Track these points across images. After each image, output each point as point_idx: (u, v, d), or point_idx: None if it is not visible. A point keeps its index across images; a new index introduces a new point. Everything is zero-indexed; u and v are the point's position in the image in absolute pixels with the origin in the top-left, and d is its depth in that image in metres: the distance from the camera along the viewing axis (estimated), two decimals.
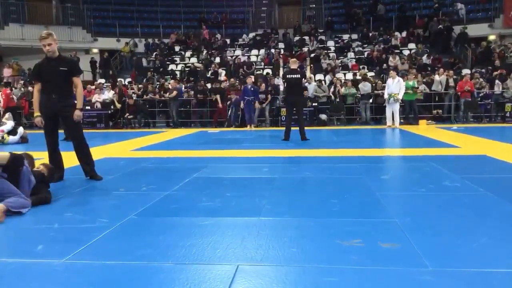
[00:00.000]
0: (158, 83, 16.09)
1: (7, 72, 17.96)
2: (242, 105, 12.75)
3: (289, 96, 8.72)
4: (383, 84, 13.94)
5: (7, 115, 10.64)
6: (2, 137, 9.24)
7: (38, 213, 3.41)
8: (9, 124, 9.68)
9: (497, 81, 13.82)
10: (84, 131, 4.89)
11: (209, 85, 15.36)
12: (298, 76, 8.60)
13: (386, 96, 12.03)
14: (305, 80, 13.11)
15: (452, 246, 2.51)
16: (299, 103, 8.65)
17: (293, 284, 2.06)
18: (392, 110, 11.86)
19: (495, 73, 14.51)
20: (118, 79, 17.26)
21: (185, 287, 2.04)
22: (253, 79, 13.23)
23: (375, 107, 13.84)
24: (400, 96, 11.77)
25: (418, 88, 12.97)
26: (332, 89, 14.21)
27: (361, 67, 16.56)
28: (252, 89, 12.43)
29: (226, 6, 23.21)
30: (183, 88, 14.96)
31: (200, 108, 14.56)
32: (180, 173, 5.06)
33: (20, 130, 9.68)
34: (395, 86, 11.73)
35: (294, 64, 8.97)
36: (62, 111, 4.58)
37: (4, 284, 2.12)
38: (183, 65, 18.92)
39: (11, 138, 9.32)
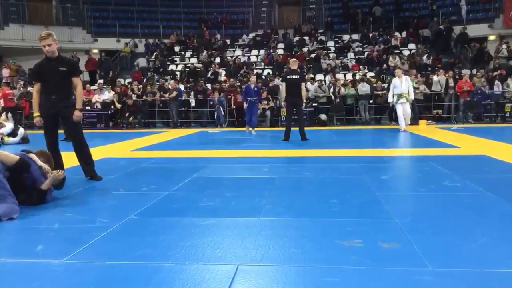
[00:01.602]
0: (158, 83, 16.10)
1: (5, 72, 17.92)
2: (245, 105, 12.46)
3: (289, 96, 8.71)
4: (383, 85, 13.96)
5: (3, 115, 10.62)
6: (2, 138, 9.24)
7: (38, 213, 3.40)
8: (8, 126, 9.66)
9: (497, 81, 13.83)
10: (84, 131, 4.90)
11: (209, 85, 15.39)
12: (298, 76, 8.60)
13: (390, 98, 10.75)
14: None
15: (452, 246, 2.51)
16: (299, 103, 8.66)
17: (293, 284, 2.06)
18: (404, 112, 10.50)
19: (495, 73, 14.52)
20: (117, 79, 17.29)
21: (185, 287, 2.04)
22: (255, 78, 12.03)
23: (375, 107, 13.85)
24: (411, 96, 10.66)
25: (418, 88, 12.97)
26: (332, 89, 14.22)
27: (361, 67, 16.57)
28: (255, 88, 11.07)
29: (226, 6, 23.20)
30: (182, 89, 14.98)
31: (200, 108, 14.58)
32: (180, 173, 5.06)
33: (21, 131, 9.66)
34: (404, 86, 10.54)
35: (294, 64, 8.96)
36: (62, 111, 4.58)
37: (4, 284, 2.12)
38: (183, 65, 18.93)
39: (11, 139, 9.31)
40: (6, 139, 9.26)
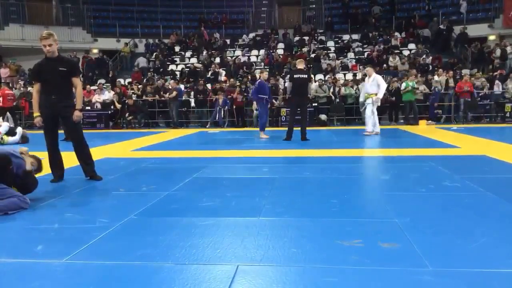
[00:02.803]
0: (158, 82, 16.09)
1: (3, 72, 17.87)
2: (255, 105, 11.55)
3: (296, 96, 8.62)
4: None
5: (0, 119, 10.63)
6: (2, 138, 9.23)
7: (38, 213, 3.41)
8: (5, 124, 9.65)
9: (497, 81, 13.83)
10: (84, 131, 4.90)
11: (208, 85, 15.40)
12: (305, 76, 8.58)
13: (361, 99, 9.93)
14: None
15: (452, 246, 2.51)
16: (304, 104, 8.65)
17: (293, 284, 2.06)
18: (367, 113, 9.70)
19: (495, 73, 14.52)
20: (117, 79, 17.27)
21: (185, 287, 2.04)
22: (267, 74, 10.80)
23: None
24: (380, 95, 9.49)
25: (418, 88, 12.98)
26: (332, 89, 14.22)
27: (361, 67, 16.58)
28: (268, 85, 9.77)
29: (226, 6, 23.22)
30: (183, 88, 14.98)
31: (200, 108, 14.58)
32: (180, 173, 5.06)
33: (19, 130, 9.66)
34: (371, 86, 9.58)
35: (300, 64, 8.90)
36: (62, 111, 4.58)
37: (4, 284, 2.12)
38: (183, 65, 18.92)
39: (11, 139, 9.30)
40: (6, 139, 9.25)
